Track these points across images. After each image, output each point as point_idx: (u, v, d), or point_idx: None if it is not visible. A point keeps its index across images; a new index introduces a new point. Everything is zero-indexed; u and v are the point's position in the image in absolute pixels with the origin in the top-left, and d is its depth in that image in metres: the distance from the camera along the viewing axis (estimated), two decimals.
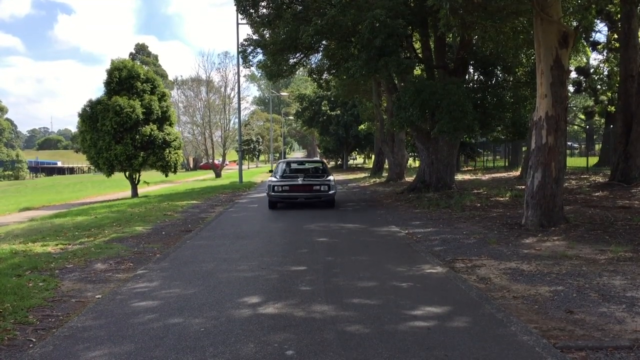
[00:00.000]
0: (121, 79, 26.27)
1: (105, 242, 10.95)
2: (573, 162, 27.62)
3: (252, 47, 22.19)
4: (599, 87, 30.77)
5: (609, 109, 29.07)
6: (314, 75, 26.05)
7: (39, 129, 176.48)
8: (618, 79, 20.46)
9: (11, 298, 6.43)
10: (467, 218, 13.27)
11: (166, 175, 29.20)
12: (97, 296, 6.75)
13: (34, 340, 5.15)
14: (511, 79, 20.50)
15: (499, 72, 20.68)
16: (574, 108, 48.73)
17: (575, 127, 42.41)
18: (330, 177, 18.06)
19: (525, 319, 5.48)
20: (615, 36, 24.32)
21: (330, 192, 17.15)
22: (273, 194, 17.06)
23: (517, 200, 15.75)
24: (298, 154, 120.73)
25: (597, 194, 16.26)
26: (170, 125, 28.08)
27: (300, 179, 17.55)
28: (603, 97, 30.75)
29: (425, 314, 5.57)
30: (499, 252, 8.98)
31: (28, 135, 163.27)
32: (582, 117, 43.77)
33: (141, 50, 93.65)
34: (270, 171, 23.47)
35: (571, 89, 30.91)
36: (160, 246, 10.42)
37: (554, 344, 4.77)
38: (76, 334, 5.22)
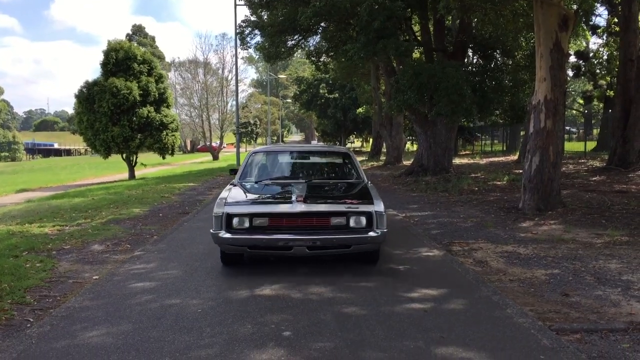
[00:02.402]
0: (118, 60, 26.08)
1: (103, 223, 10.93)
2: (571, 146, 27.61)
3: (250, 29, 22.02)
4: (598, 71, 30.67)
5: (607, 94, 29.01)
6: (312, 58, 25.88)
7: (36, 111, 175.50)
8: (617, 63, 20.40)
9: (8, 278, 6.44)
10: (465, 202, 13.28)
11: (163, 158, 29.14)
12: (94, 277, 6.75)
13: (32, 320, 5.16)
14: (510, 62, 20.42)
15: (498, 56, 20.60)
16: (573, 92, 48.64)
17: (574, 111, 42.36)
18: (373, 195, 6.95)
19: (521, 302, 5.51)
20: (615, 20, 24.18)
21: (374, 234, 6.36)
22: (228, 236, 6.37)
23: (515, 184, 15.76)
24: (296, 137, 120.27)
25: (594, 178, 16.27)
26: (168, 107, 27.94)
27: (295, 196, 6.61)
28: (602, 82, 30.67)
29: (421, 296, 5.59)
30: (495, 235, 9.00)
31: (24, 116, 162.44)
32: (581, 101, 43.70)
33: (138, 31, 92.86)
34: (232, 171, 8.95)
35: (570, 73, 30.80)
36: (157, 228, 10.42)
37: (549, 326, 4.79)
38: (74, 314, 5.23)
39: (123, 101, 24.94)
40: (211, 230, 6.39)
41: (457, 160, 26.53)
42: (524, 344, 4.35)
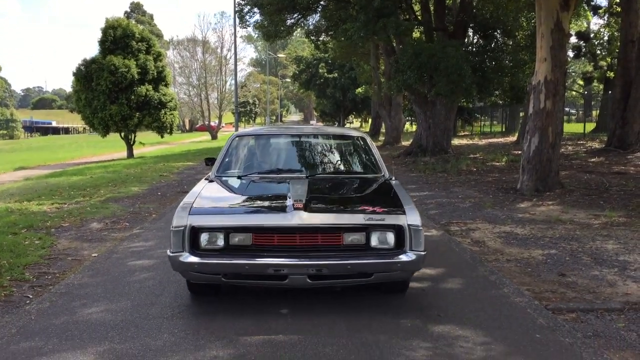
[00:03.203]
0: (116, 38, 25.84)
1: (101, 201, 10.94)
2: (570, 128, 27.56)
3: (249, 7, 21.83)
4: (598, 52, 30.47)
5: (608, 75, 28.85)
6: (311, 37, 25.70)
7: (34, 88, 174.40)
8: (618, 44, 20.27)
9: (7, 255, 6.46)
10: (463, 182, 13.29)
11: (162, 137, 29.03)
12: (93, 255, 6.77)
13: (31, 296, 5.18)
14: (511, 42, 20.28)
15: (498, 36, 20.45)
16: (573, 74, 48.42)
17: (574, 92, 42.18)
18: (402, 198, 4.89)
19: (517, 282, 5.54)
20: (617, 0, 23.98)
21: (406, 258, 4.35)
22: (194, 260, 4.29)
23: (513, 165, 15.76)
24: (295, 117, 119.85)
25: (593, 159, 16.27)
26: (166, 85, 27.77)
27: (292, 200, 4.54)
28: (602, 63, 30.50)
29: (419, 276, 5.61)
30: (493, 215, 9.02)
31: (22, 94, 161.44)
32: (581, 82, 43.53)
33: (136, 8, 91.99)
34: (209, 161, 6.52)
35: (570, 54, 30.61)
36: (156, 206, 10.43)
37: (545, 305, 4.83)
38: (73, 291, 5.25)
39: (121, 79, 24.77)
40: (168, 252, 4.27)
41: (456, 141, 26.50)
42: (520, 323, 4.38)
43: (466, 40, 21.95)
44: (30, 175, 19.15)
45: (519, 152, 14.69)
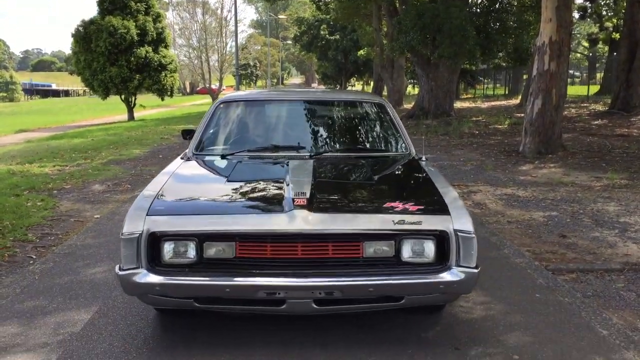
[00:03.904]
0: None
1: (103, 164, 10.95)
2: (574, 90, 27.33)
3: None
4: (604, 13, 30.01)
5: (613, 36, 28.48)
6: None
7: (33, 50, 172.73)
8: (624, 4, 19.93)
9: (10, 217, 6.48)
10: (465, 145, 13.25)
11: (162, 99, 28.88)
12: (95, 216, 6.80)
13: (34, 257, 5.22)
14: (515, 2, 19.94)
15: None
16: (578, 35, 47.80)
17: (578, 55, 41.74)
18: (441, 188, 3.62)
19: (518, 243, 5.56)
20: None
21: (451, 277, 3.07)
22: (154, 279, 3.05)
23: (516, 127, 15.68)
24: (296, 79, 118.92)
25: (596, 122, 16.19)
26: (166, 47, 27.47)
27: (291, 191, 3.36)
28: (608, 24, 30.06)
29: None
30: (495, 178, 9.01)
31: (21, 56, 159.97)
32: (586, 44, 42.99)
33: None
34: (187, 134, 5.22)
35: (576, 15, 30.12)
36: (157, 169, 10.40)
37: (545, 266, 4.86)
38: (76, 252, 5.29)
39: (120, 41, 24.49)
40: (117, 271, 3.11)
41: (458, 104, 26.32)
42: (520, 283, 4.42)
43: (470, 0, 21.59)
44: (31, 137, 19.13)
45: (522, 114, 14.61)
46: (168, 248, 3.11)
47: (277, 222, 3.08)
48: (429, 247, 3.14)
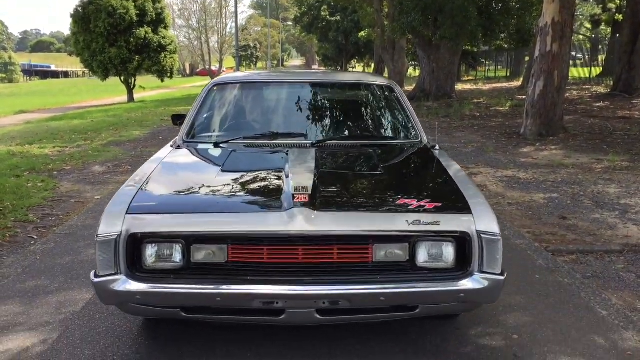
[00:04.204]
0: None
1: (103, 145, 10.95)
2: (576, 72, 27.20)
3: None
4: None
5: (616, 18, 28.24)
6: None
7: (31, 31, 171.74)
8: None
9: (11, 197, 6.49)
10: (466, 127, 13.21)
11: (162, 81, 28.75)
12: (96, 197, 6.80)
13: (35, 237, 5.23)
14: None
15: None
16: (581, 17, 47.41)
17: (580, 36, 41.46)
18: (460, 182, 3.24)
19: (518, 224, 5.57)
20: None
21: (473, 285, 2.72)
22: (135, 287, 2.70)
23: (517, 110, 15.63)
24: (296, 61, 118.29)
25: (598, 104, 16.12)
26: (165, 28, 27.28)
27: (291, 186, 3.00)
28: (611, 5, 29.79)
29: None
30: (496, 160, 9.00)
31: (20, 37, 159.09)
32: (588, 26, 42.66)
33: None
34: (177, 119, 4.95)
35: None
36: (157, 150, 10.39)
37: (545, 247, 4.87)
38: (77, 232, 5.30)
39: (119, 21, 24.31)
40: (92, 277, 2.75)
41: (459, 86, 26.21)
42: (520, 264, 4.42)
43: None
44: (31, 118, 19.07)
45: (524, 96, 14.55)
46: (151, 251, 2.75)
47: (274, 222, 2.71)
48: (448, 251, 2.78)
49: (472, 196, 3.01)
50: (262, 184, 3.34)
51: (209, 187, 3.21)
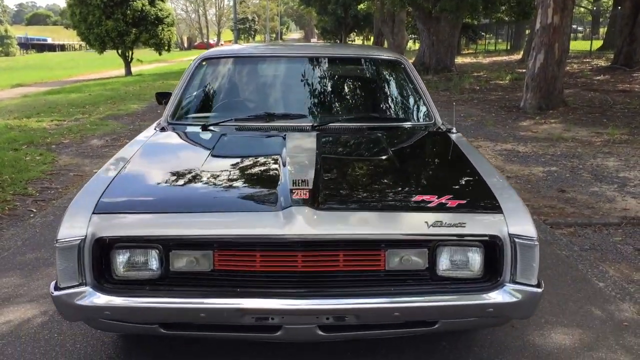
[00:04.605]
0: None
1: (101, 119, 10.91)
2: (576, 45, 27.01)
3: None
4: None
5: None
6: None
7: (27, 3, 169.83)
8: None
9: (9, 171, 6.48)
10: (466, 101, 13.15)
11: (160, 54, 28.51)
12: (94, 170, 6.71)
13: (35, 210, 5.24)
14: None
15: None
16: None
17: (582, 9, 41.05)
18: (504, 193, 2.57)
19: None
20: None
21: (503, 298, 2.30)
22: (102, 301, 2.28)
23: (517, 83, 15.55)
24: (295, 34, 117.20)
25: (598, 77, 16.04)
26: (163, 0, 26.98)
27: (288, 178, 2.58)
28: None
29: None
30: (495, 134, 8.98)
31: (16, 9, 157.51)
32: None
33: None
34: (162, 97, 4.49)
35: None
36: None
37: (544, 220, 4.88)
38: None
39: None
40: (52, 290, 2.35)
41: (459, 59, 26.03)
42: None
43: None
44: (28, 92, 18.95)
45: (524, 70, 14.47)
46: (122, 258, 2.34)
47: (269, 224, 2.30)
48: (475, 258, 2.36)
49: (502, 191, 2.59)
50: (255, 176, 2.92)
51: (193, 180, 2.81)
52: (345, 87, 4.32)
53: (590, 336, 2.99)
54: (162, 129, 3.69)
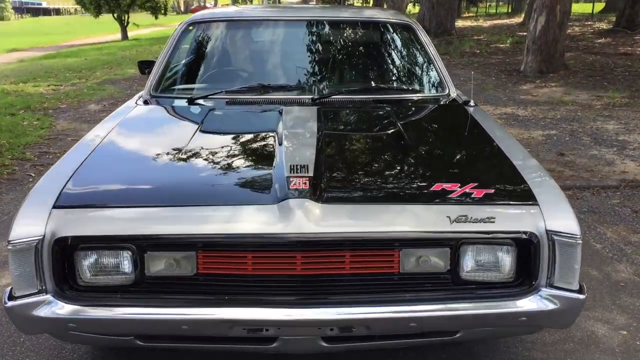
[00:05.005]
0: None
1: (98, 83, 10.83)
2: (578, 8, 26.67)
3: None
4: None
5: None
6: None
7: None
8: None
9: (7, 135, 6.46)
10: (466, 64, 13.03)
11: (156, 18, 28.16)
12: None
13: (33, 175, 5.24)
14: None
15: None
16: None
17: None
18: (539, 177, 2.25)
19: None
20: None
21: (537, 306, 1.96)
22: (62, 311, 1.93)
23: (518, 46, 15.37)
24: None
25: (599, 40, 15.87)
26: None
27: (285, 163, 2.21)
28: None
29: None
30: (495, 97, 8.93)
31: None
32: None
33: None
34: (145, 66, 3.97)
35: None
36: None
37: None
38: None
39: None
40: (5, 300, 1.96)
41: (459, 23, 25.70)
42: None
43: None
44: (24, 57, 18.76)
45: (525, 33, 14.31)
46: (88, 261, 1.98)
47: (262, 220, 1.95)
48: (505, 258, 2.02)
49: (536, 177, 2.23)
50: (247, 161, 2.51)
51: (174, 166, 2.42)
52: (350, 55, 3.84)
53: (587, 296, 3.01)
54: (145, 103, 3.32)
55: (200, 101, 3.24)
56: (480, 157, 2.62)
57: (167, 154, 2.52)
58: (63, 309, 1.92)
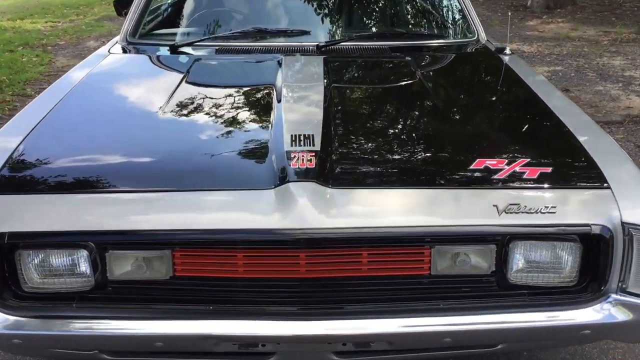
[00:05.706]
0: None
1: (96, 20, 10.66)
2: None
3: None
4: None
5: None
6: None
7: None
8: None
9: (6, 72, 6.42)
10: (471, 0, 12.75)
11: None
12: None
13: None
14: None
15: None
16: None
17: None
18: (614, 155, 1.71)
19: None
20: None
21: (608, 320, 1.50)
22: (5, 324, 1.47)
23: None
24: None
25: None
26: None
27: (284, 141, 1.68)
28: None
29: None
30: (501, 34, 8.69)
31: None
32: None
33: None
34: (122, 8, 3.09)
35: None
36: None
37: None
38: None
39: None
40: None
41: None
42: None
43: None
44: None
45: None
46: (33, 262, 1.53)
47: (255, 209, 1.52)
48: (566, 257, 1.56)
49: (606, 152, 1.74)
50: (236, 129, 1.99)
51: (145, 135, 1.97)
52: None
53: None
54: (122, 50, 2.80)
55: (185, 49, 2.75)
56: (528, 122, 2.09)
57: (138, 119, 2.09)
58: (4, 321, 1.49)
